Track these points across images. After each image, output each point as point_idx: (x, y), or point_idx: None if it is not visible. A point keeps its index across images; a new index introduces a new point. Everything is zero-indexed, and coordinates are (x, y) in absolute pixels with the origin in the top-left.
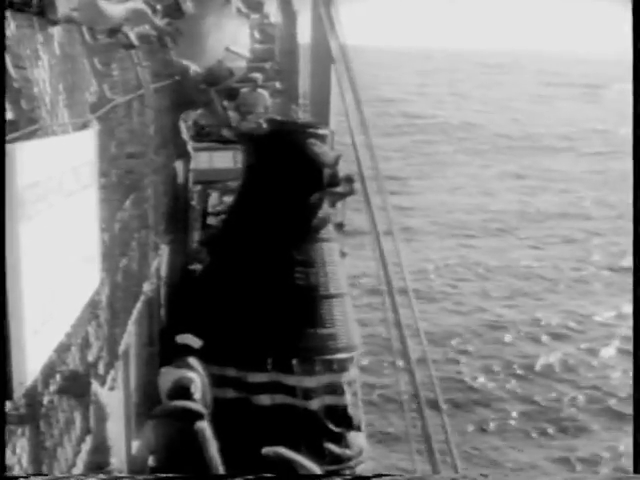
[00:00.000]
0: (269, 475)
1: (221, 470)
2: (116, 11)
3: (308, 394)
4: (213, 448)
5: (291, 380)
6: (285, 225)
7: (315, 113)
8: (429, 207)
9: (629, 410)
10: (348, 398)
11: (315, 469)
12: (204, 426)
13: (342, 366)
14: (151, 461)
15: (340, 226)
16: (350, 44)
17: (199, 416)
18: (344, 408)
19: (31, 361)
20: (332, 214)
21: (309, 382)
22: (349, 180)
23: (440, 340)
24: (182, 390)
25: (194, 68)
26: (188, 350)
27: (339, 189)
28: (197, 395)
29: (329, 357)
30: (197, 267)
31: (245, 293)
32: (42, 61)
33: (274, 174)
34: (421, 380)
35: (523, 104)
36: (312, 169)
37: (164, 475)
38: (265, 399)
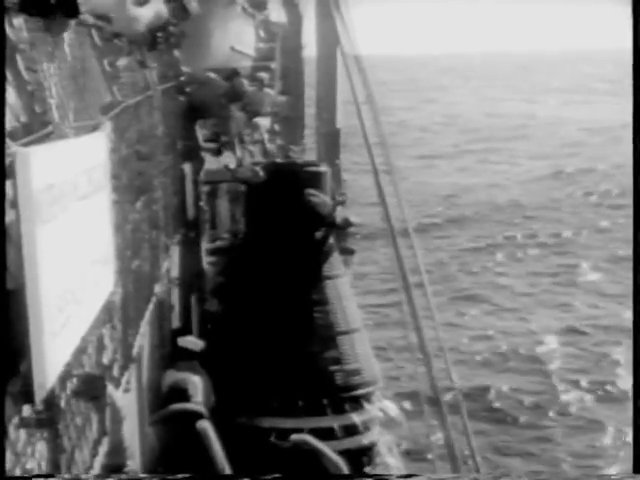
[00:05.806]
0: (276, 476)
1: (227, 467)
2: (144, 14)
3: (339, 433)
4: (217, 446)
5: (323, 422)
6: (295, 268)
7: (322, 116)
8: None
9: None
10: (375, 434)
11: (340, 463)
12: (206, 425)
13: (369, 400)
14: (158, 466)
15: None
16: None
17: (199, 416)
18: (372, 446)
19: (51, 364)
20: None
21: (339, 421)
22: (347, 222)
23: None
24: (179, 392)
25: (218, 81)
26: (192, 353)
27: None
28: (198, 397)
29: (357, 393)
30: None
31: (267, 339)
32: (54, 64)
33: (274, 222)
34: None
35: None
36: (310, 221)
37: (171, 476)
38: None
